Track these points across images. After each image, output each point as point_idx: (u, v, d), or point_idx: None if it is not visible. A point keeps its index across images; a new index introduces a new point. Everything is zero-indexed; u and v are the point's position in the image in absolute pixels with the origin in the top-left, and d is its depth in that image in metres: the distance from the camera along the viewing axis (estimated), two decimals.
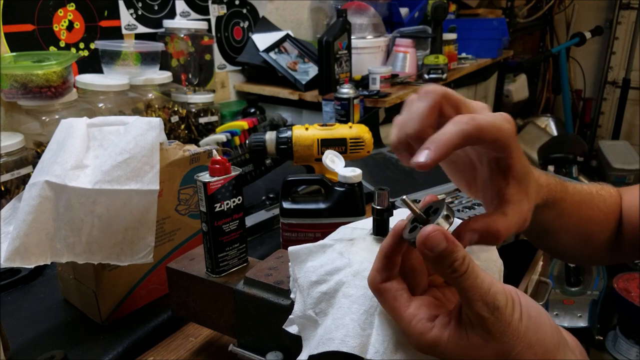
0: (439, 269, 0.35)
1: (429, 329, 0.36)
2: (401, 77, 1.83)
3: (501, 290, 0.34)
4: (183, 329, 0.69)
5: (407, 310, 0.37)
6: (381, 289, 0.38)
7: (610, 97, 3.61)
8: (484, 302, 0.34)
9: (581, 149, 2.64)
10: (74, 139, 0.64)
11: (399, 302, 0.37)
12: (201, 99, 1.35)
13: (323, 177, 0.77)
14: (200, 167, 0.73)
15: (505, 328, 0.34)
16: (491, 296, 0.34)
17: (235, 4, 1.72)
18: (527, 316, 0.35)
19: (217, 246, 0.57)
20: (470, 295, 0.34)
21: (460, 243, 0.36)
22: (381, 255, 0.39)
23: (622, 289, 1.80)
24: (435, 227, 0.35)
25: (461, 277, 0.34)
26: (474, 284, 0.34)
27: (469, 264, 0.34)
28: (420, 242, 0.35)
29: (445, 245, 0.34)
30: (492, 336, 0.34)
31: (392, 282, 0.38)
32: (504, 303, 0.34)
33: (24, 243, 0.59)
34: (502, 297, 0.34)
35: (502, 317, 0.34)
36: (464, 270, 0.34)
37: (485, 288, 0.34)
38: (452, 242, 0.35)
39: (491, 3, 3.09)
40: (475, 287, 0.34)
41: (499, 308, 0.34)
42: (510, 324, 0.34)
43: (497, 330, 0.34)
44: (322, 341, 0.41)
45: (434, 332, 0.35)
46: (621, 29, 3.46)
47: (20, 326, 0.68)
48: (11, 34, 1.14)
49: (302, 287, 0.45)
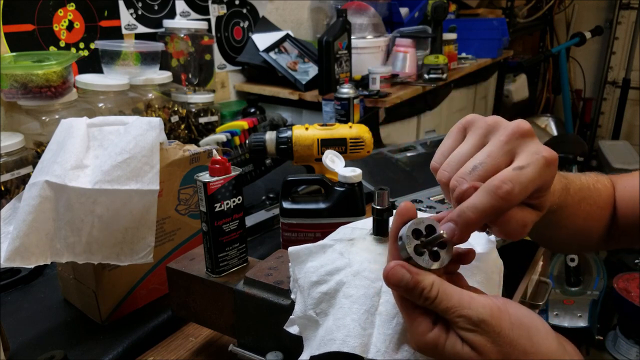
0: (412, 298, 0.36)
1: (430, 329, 0.36)
2: (401, 77, 1.83)
3: (483, 303, 0.35)
4: (183, 329, 0.69)
5: (415, 307, 0.37)
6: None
7: (610, 97, 3.61)
8: (465, 319, 0.34)
9: (581, 149, 2.64)
10: (74, 139, 0.64)
11: (407, 301, 0.38)
12: (201, 99, 1.35)
13: (323, 177, 0.77)
14: (200, 167, 0.73)
15: (496, 337, 0.34)
16: (473, 310, 0.34)
17: (235, 4, 1.72)
18: (519, 323, 0.35)
19: (217, 246, 0.57)
20: (449, 315, 0.35)
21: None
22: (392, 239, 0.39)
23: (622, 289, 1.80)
24: (396, 262, 0.36)
25: (434, 303, 0.35)
26: (448, 305, 0.35)
27: (438, 289, 0.35)
28: (385, 277, 0.36)
29: (409, 278, 0.35)
30: (483, 347, 0.34)
31: None
32: (489, 314, 0.34)
33: (24, 243, 0.59)
34: (485, 310, 0.34)
35: (489, 328, 0.34)
36: (433, 296, 0.35)
37: (464, 305, 0.35)
38: (415, 273, 0.36)
39: (491, 3, 3.09)
40: (452, 307, 0.35)
41: (484, 320, 0.34)
42: (500, 333, 0.34)
43: (488, 341, 0.34)
44: (323, 342, 0.41)
45: (434, 333, 0.36)
46: (621, 29, 3.46)
47: (20, 326, 0.68)
48: (11, 34, 1.14)
49: (303, 287, 0.45)
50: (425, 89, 1.77)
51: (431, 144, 1.38)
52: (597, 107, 3.65)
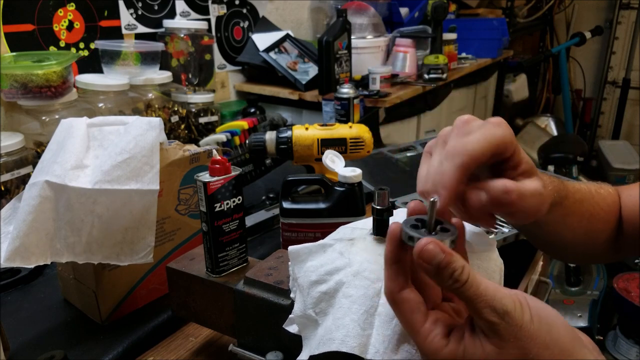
0: (439, 280, 0.35)
1: (444, 345, 0.35)
2: (401, 77, 1.83)
3: (507, 295, 0.34)
4: (183, 329, 0.69)
5: (423, 325, 0.36)
6: (398, 300, 0.37)
7: (610, 97, 3.61)
8: (491, 309, 0.33)
9: (581, 149, 2.64)
10: (74, 139, 0.64)
11: (416, 316, 0.37)
12: (201, 98, 1.35)
13: (323, 177, 0.77)
14: (200, 167, 0.73)
15: (518, 331, 0.33)
16: (498, 301, 0.33)
17: (235, 4, 1.72)
18: (538, 317, 0.34)
19: (217, 246, 0.57)
20: (476, 304, 0.34)
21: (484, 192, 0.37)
22: (388, 263, 0.38)
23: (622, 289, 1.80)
24: (430, 239, 0.35)
25: (463, 287, 0.34)
26: (477, 292, 0.34)
27: (469, 273, 0.34)
28: (417, 255, 0.35)
29: (442, 257, 0.34)
30: (506, 341, 0.33)
31: (409, 291, 0.37)
32: (512, 307, 0.34)
33: (24, 243, 0.59)
34: (509, 301, 0.34)
35: (513, 321, 0.33)
36: (464, 279, 0.34)
37: (490, 294, 0.34)
38: (448, 254, 0.35)
39: (491, 3, 3.09)
40: (480, 294, 0.34)
41: (508, 312, 0.33)
42: (522, 327, 0.33)
43: (510, 334, 0.33)
44: (322, 341, 0.41)
45: (450, 348, 0.35)
46: (621, 29, 3.46)
47: (20, 326, 0.68)
48: (11, 34, 1.14)
49: (302, 286, 0.45)
50: (425, 89, 1.77)
51: None
52: (597, 107, 3.65)
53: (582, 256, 0.63)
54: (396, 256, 0.38)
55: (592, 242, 0.59)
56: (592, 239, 0.59)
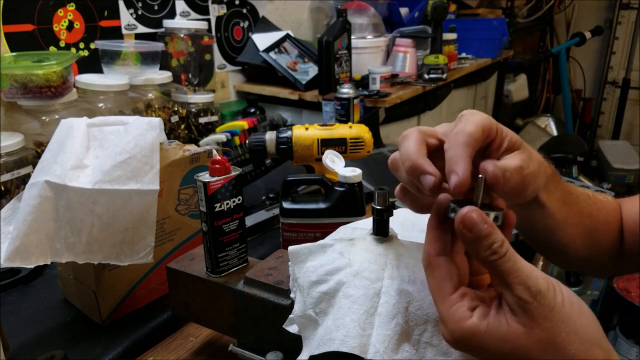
0: (478, 250, 0.35)
1: (468, 317, 0.35)
2: (401, 77, 1.83)
3: (542, 277, 0.34)
4: (183, 329, 0.69)
5: (452, 294, 0.36)
6: (434, 263, 0.37)
7: (610, 97, 3.61)
8: (525, 286, 0.33)
9: (581, 149, 2.64)
10: (74, 139, 0.64)
11: (447, 283, 0.36)
12: (201, 99, 1.35)
13: (323, 177, 0.77)
14: (200, 167, 0.73)
15: (549, 312, 0.33)
16: (533, 280, 0.33)
17: (235, 4, 1.72)
18: (570, 302, 0.34)
19: (217, 246, 0.57)
20: (511, 278, 0.33)
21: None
22: (430, 228, 0.38)
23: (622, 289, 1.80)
24: (474, 208, 0.35)
25: (501, 260, 0.34)
26: (514, 267, 0.34)
27: (508, 248, 0.34)
28: (459, 221, 0.35)
29: (485, 226, 0.34)
30: (535, 322, 0.33)
31: (445, 258, 0.37)
32: (546, 287, 0.33)
33: (24, 243, 0.59)
34: (544, 282, 0.34)
35: (545, 302, 0.33)
36: (503, 252, 0.34)
37: (526, 273, 0.34)
38: (490, 225, 0.35)
39: (491, 3, 3.09)
40: (516, 270, 0.34)
41: (541, 292, 0.33)
42: (553, 308, 0.33)
43: (540, 315, 0.33)
44: (322, 341, 0.41)
45: (473, 320, 0.35)
46: (621, 29, 3.46)
47: (20, 326, 0.68)
48: (11, 34, 1.14)
49: (302, 286, 0.45)
50: (425, 89, 1.77)
51: None
52: (597, 107, 3.65)
53: (584, 262, 0.61)
54: (437, 223, 0.38)
55: (595, 244, 0.58)
56: (595, 240, 0.57)
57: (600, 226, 0.57)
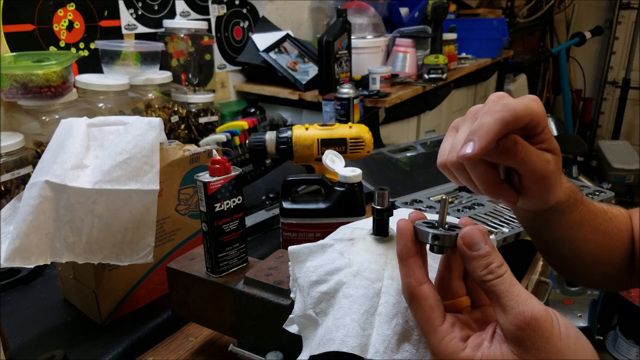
0: (476, 269, 0.34)
1: (461, 349, 0.34)
2: (401, 77, 1.83)
3: (539, 304, 0.33)
4: (183, 329, 0.69)
5: (441, 325, 0.35)
6: (419, 294, 0.36)
7: (610, 97, 3.62)
8: (520, 311, 0.32)
9: (581, 149, 2.64)
10: (74, 139, 0.64)
11: (435, 314, 0.36)
12: (201, 99, 1.35)
13: (323, 177, 0.77)
14: (200, 167, 0.73)
15: (544, 343, 0.32)
16: (529, 306, 0.32)
17: (235, 4, 1.72)
18: (567, 334, 0.33)
19: (217, 246, 0.57)
20: (506, 301, 0.33)
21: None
22: (402, 259, 0.38)
23: None
24: (474, 226, 0.36)
25: (497, 280, 0.33)
26: (510, 289, 0.33)
27: (506, 270, 0.34)
28: (459, 240, 0.36)
29: (484, 246, 0.35)
30: (529, 352, 0.32)
31: (428, 286, 0.36)
32: (543, 315, 0.32)
33: (24, 243, 0.59)
34: (540, 310, 0.32)
35: (540, 330, 0.32)
36: (500, 273, 0.34)
37: (522, 297, 0.33)
38: (491, 246, 0.35)
39: (491, 3, 3.09)
40: (512, 292, 0.33)
41: (536, 319, 0.32)
42: (549, 339, 0.32)
43: (534, 345, 0.32)
44: (322, 341, 0.41)
45: (467, 353, 0.34)
46: (621, 29, 3.47)
47: (20, 326, 0.68)
48: (11, 34, 1.14)
49: (302, 286, 0.45)
50: (425, 89, 1.77)
51: (431, 144, 1.38)
52: (597, 107, 3.66)
53: (597, 277, 0.60)
54: (410, 250, 0.37)
55: (607, 259, 0.57)
56: (608, 256, 0.57)
57: (613, 242, 0.56)
